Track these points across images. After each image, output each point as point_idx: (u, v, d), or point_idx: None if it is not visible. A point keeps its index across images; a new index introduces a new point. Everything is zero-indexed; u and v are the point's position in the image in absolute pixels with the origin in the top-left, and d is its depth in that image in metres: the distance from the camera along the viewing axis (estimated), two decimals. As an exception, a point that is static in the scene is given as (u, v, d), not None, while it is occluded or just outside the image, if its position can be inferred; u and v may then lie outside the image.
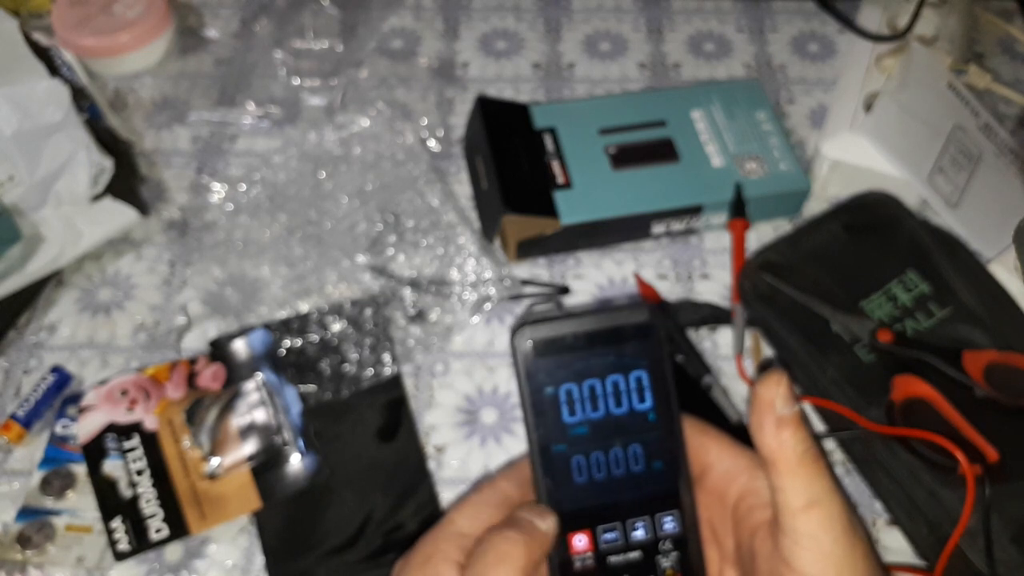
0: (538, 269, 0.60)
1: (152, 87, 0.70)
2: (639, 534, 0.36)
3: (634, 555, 0.36)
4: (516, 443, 0.53)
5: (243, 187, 0.62)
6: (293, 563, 0.49)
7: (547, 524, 0.35)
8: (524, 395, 0.37)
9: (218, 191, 0.62)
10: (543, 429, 0.37)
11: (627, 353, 0.38)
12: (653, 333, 0.38)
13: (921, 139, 0.60)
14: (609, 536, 0.36)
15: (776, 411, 0.33)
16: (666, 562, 0.36)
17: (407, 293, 0.57)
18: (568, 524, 0.36)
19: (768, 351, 0.56)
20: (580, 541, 0.36)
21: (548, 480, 0.37)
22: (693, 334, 0.57)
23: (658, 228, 0.60)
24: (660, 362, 0.37)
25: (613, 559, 0.36)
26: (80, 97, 0.61)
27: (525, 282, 0.59)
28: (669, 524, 0.36)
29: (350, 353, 0.54)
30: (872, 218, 0.57)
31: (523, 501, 0.37)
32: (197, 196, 0.63)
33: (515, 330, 0.37)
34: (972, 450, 0.47)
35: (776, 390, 0.33)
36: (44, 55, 0.62)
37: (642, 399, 0.37)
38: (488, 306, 0.58)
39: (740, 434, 0.49)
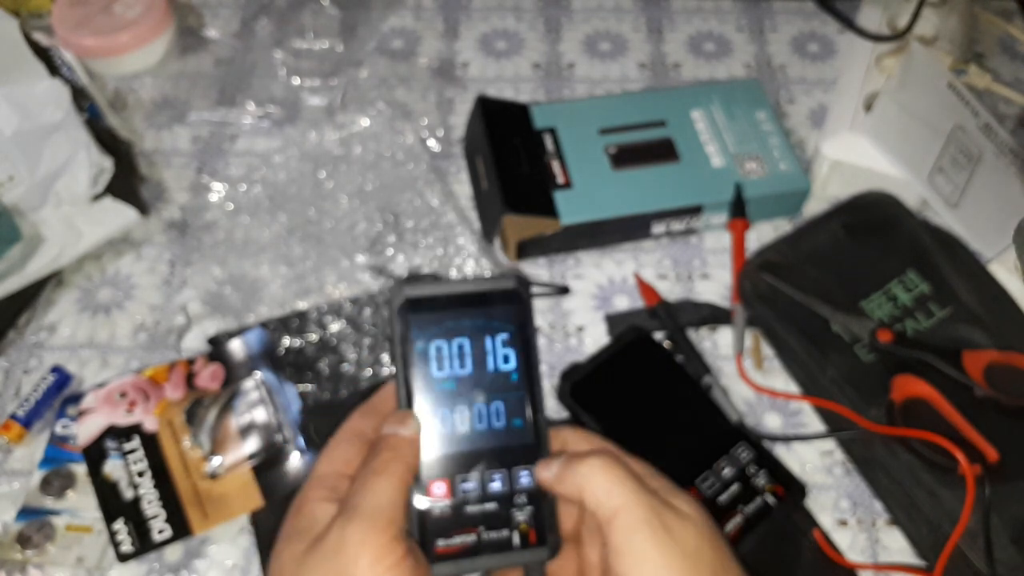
0: (538, 269, 0.60)
1: (152, 87, 0.70)
2: (496, 486, 0.37)
3: (490, 506, 0.37)
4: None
5: (243, 187, 0.62)
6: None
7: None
8: (396, 347, 0.38)
9: (218, 191, 0.62)
10: (412, 381, 0.38)
11: (495, 316, 0.39)
12: (520, 300, 0.40)
13: (921, 139, 0.60)
14: (467, 486, 0.37)
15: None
16: (520, 515, 0.37)
17: (407, 293, 0.57)
18: (428, 472, 0.37)
19: (768, 351, 0.56)
20: (439, 488, 0.37)
21: None
22: (693, 334, 0.57)
23: (658, 228, 0.60)
24: (525, 327, 0.39)
25: (470, 508, 0.37)
26: (80, 97, 0.61)
27: (525, 282, 0.59)
28: (525, 479, 0.37)
29: (348, 353, 0.54)
30: (872, 218, 0.57)
31: (375, 435, 0.38)
32: (197, 196, 0.63)
33: (393, 287, 0.39)
34: (972, 450, 0.47)
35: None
36: (44, 55, 0.62)
37: (506, 360, 0.39)
38: (488, 306, 0.58)
39: (740, 434, 0.49)
